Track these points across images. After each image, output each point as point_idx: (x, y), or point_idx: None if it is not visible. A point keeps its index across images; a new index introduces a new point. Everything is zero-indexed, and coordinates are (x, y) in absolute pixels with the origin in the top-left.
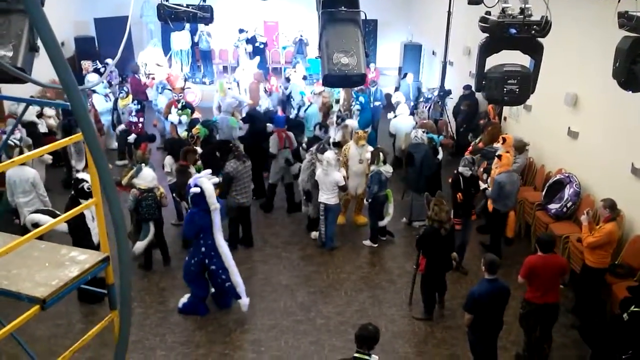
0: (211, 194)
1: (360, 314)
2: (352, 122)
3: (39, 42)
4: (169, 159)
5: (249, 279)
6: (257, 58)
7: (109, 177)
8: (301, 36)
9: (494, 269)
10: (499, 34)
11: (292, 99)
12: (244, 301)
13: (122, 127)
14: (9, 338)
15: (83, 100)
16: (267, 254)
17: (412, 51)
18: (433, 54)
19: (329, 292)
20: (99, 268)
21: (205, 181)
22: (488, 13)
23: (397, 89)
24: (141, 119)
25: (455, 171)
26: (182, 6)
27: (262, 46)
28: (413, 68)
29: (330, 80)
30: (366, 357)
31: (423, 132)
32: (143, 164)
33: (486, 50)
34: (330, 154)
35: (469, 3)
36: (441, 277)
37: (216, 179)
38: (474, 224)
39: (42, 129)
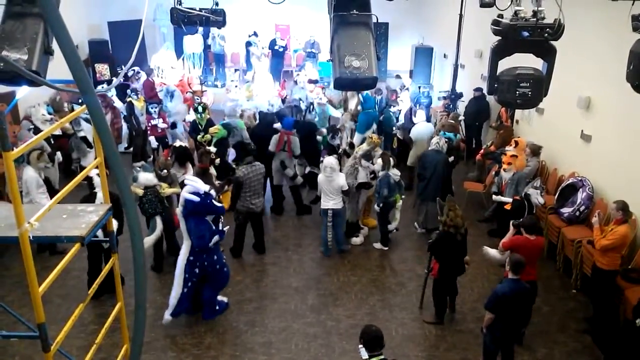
0: (180, 199)
1: (371, 317)
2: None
3: (54, 45)
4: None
5: (260, 282)
6: (266, 61)
7: (125, 183)
8: (312, 39)
9: (519, 269)
10: (512, 36)
11: (302, 102)
12: (165, 315)
13: (154, 143)
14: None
15: (99, 103)
16: (277, 256)
17: (424, 54)
18: (444, 57)
19: (340, 295)
20: (107, 215)
21: (185, 188)
22: (500, 16)
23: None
24: (162, 122)
25: (519, 197)
26: (195, 10)
27: (281, 49)
28: (424, 71)
29: (342, 83)
30: (382, 357)
31: (445, 140)
32: (142, 171)
33: (498, 53)
34: (331, 159)
35: (481, 6)
36: (453, 281)
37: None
38: (486, 227)
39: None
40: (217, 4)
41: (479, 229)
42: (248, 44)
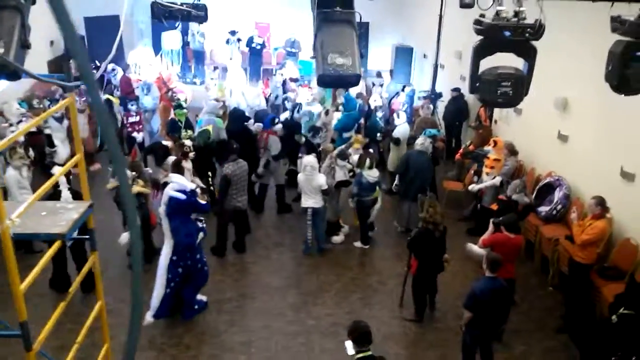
0: (163, 198)
1: (351, 316)
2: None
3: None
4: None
5: (240, 281)
6: (239, 58)
7: (127, 186)
8: (293, 38)
9: (496, 267)
10: (493, 36)
11: (287, 101)
12: (147, 316)
13: (139, 139)
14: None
15: (102, 98)
16: (258, 255)
17: (404, 54)
18: (424, 57)
19: (320, 293)
20: (88, 212)
21: (168, 186)
22: (482, 16)
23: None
24: (140, 118)
25: (505, 197)
26: (176, 4)
27: (258, 47)
28: (404, 70)
29: (325, 81)
30: (369, 354)
31: (430, 141)
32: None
33: (480, 52)
34: (310, 158)
35: (460, 6)
36: (432, 279)
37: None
38: (465, 226)
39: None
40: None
41: (458, 228)
42: (227, 42)
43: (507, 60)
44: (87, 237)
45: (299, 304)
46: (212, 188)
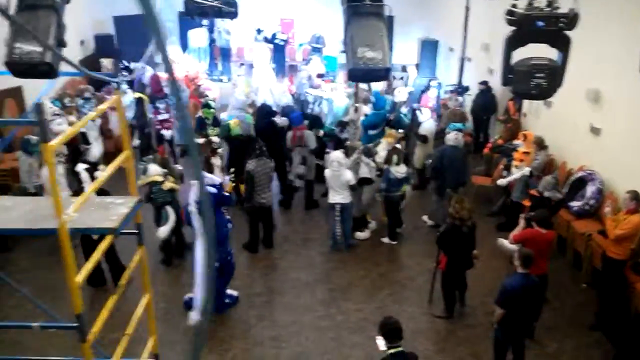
0: (192, 195)
1: (381, 311)
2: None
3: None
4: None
5: (269, 275)
6: (268, 55)
7: (202, 180)
8: (317, 33)
9: (528, 263)
10: (526, 26)
11: (307, 95)
12: (192, 315)
13: (167, 136)
14: None
15: (183, 96)
16: (286, 250)
17: (429, 47)
18: (450, 50)
19: (348, 289)
20: (137, 207)
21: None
22: (514, 6)
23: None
24: (170, 115)
25: (538, 193)
26: (208, 1)
27: (282, 43)
28: (430, 64)
29: (355, 74)
30: (401, 349)
31: (462, 135)
32: (151, 163)
33: (513, 43)
34: (338, 154)
35: None
36: (462, 275)
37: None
38: (494, 221)
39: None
40: None
41: (488, 223)
42: (255, 40)
43: (537, 52)
44: (136, 231)
45: (327, 300)
46: (235, 183)
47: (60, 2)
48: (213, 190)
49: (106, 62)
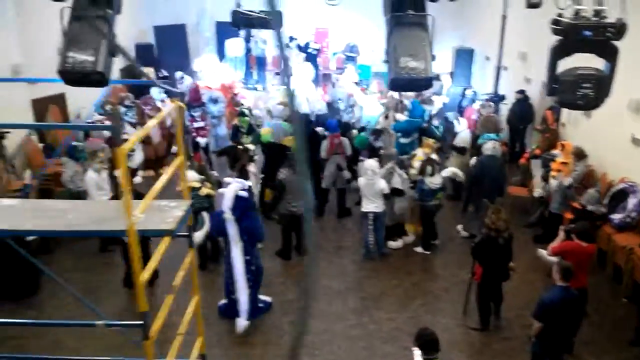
0: (226, 201)
1: (414, 321)
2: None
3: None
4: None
5: (301, 282)
6: (309, 63)
7: (308, 184)
8: (352, 42)
9: (568, 276)
10: (573, 36)
11: (340, 101)
12: (240, 322)
13: (203, 143)
14: None
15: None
16: (318, 258)
17: (464, 56)
18: (486, 59)
19: (381, 298)
20: (189, 210)
21: (229, 187)
22: (560, 15)
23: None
24: (205, 123)
25: (580, 205)
26: (255, 12)
27: (315, 52)
28: (464, 73)
29: (397, 84)
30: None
31: (499, 144)
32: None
33: (558, 53)
34: (372, 162)
35: (527, 6)
36: (497, 286)
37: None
38: (531, 232)
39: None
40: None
41: (524, 235)
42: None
43: (582, 62)
44: (186, 234)
45: (359, 308)
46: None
47: (112, 13)
48: (245, 194)
49: (146, 71)
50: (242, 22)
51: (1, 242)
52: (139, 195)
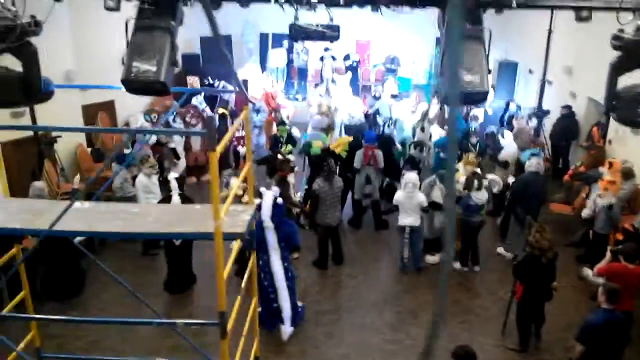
0: (265, 210)
1: (450, 339)
2: None
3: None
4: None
5: (337, 293)
6: (349, 74)
7: (453, 185)
8: (392, 55)
9: (614, 298)
10: (634, 52)
11: (379, 115)
12: (286, 329)
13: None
14: None
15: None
16: (355, 269)
17: (507, 69)
18: (530, 72)
19: (418, 313)
20: (253, 216)
21: (266, 196)
22: (621, 31)
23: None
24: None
25: (632, 227)
26: (312, 25)
27: (355, 64)
28: (507, 86)
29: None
30: None
31: (540, 159)
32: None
33: (619, 68)
34: (413, 175)
35: (577, 20)
36: (539, 307)
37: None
38: (573, 252)
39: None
40: (332, 20)
41: (567, 254)
42: (321, 58)
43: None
44: (248, 237)
45: (395, 322)
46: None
47: (174, 24)
48: (280, 201)
49: (192, 80)
50: (300, 35)
51: (49, 244)
52: (185, 198)
